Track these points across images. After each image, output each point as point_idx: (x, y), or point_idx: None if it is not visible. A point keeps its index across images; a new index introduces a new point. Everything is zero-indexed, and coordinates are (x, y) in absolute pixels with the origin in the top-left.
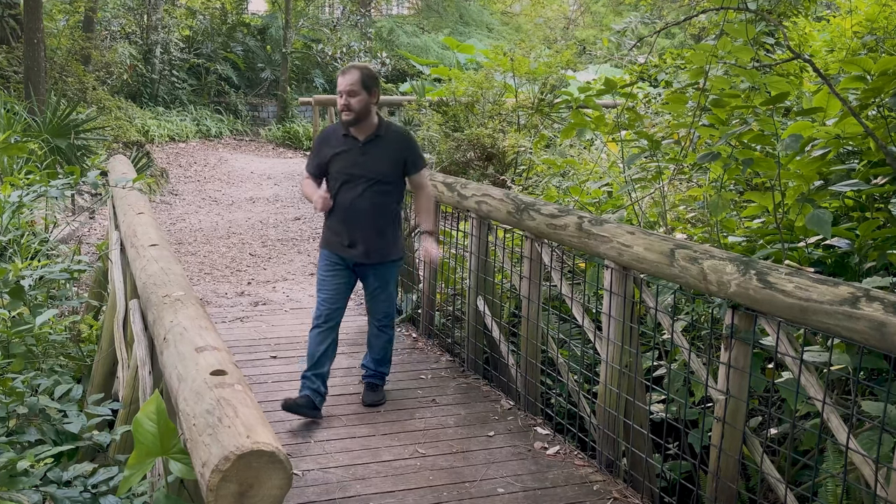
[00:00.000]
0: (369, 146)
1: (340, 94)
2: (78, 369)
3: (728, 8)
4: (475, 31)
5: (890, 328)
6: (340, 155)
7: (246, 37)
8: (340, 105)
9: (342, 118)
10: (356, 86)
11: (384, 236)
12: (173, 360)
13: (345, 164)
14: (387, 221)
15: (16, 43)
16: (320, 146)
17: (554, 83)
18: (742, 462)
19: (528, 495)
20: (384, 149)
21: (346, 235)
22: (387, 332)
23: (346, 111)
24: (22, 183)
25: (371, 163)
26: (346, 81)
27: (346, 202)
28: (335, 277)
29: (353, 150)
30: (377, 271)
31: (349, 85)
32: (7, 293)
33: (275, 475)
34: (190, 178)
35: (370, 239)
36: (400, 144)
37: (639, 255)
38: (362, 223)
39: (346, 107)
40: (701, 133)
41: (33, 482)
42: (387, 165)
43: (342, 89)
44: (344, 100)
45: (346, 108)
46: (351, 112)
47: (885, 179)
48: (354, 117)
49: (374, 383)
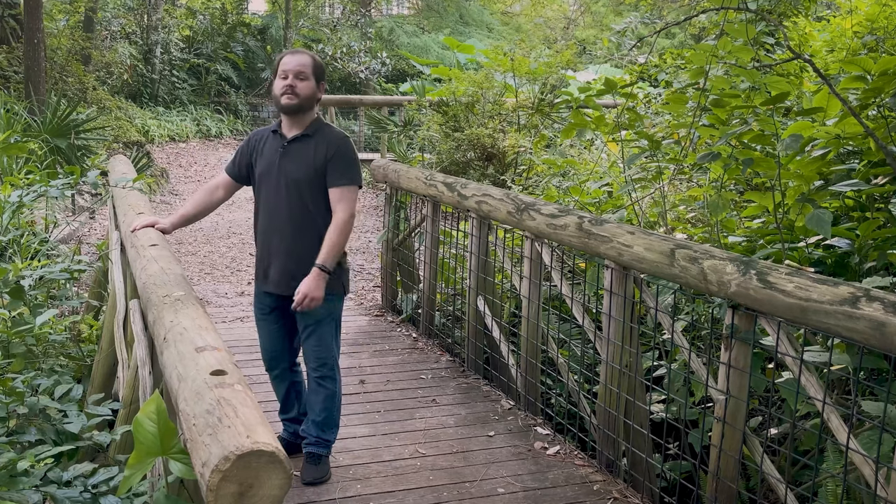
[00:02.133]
0: (293, 145)
1: (286, 73)
2: (78, 369)
3: (728, 8)
4: (475, 31)
5: (890, 328)
6: (263, 154)
7: (246, 37)
8: (283, 87)
9: (282, 102)
10: (307, 69)
11: (303, 261)
12: (173, 360)
13: (264, 165)
14: (307, 242)
15: (16, 43)
16: (247, 143)
17: (554, 83)
18: (742, 462)
19: (528, 495)
20: (308, 150)
21: (264, 258)
22: (326, 386)
23: (289, 94)
24: (22, 183)
25: (289, 164)
26: (295, 61)
27: (263, 215)
28: (264, 321)
29: (274, 149)
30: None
31: (299, 65)
32: (7, 293)
33: (275, 475)
34: (190, 178)
35: (285, 262)
36: (328, 148)
37: (639, 255)
38: (277, 240)
39: (290, 88)
40: (701, 133)
41: (33, 482)
42: (304, 169)
43: (289, 69)
44: (290, 80)
45: (291, 92)
46: (295, 97)
47: (885, 179)
48: (298, 103)
49: (316, 453)
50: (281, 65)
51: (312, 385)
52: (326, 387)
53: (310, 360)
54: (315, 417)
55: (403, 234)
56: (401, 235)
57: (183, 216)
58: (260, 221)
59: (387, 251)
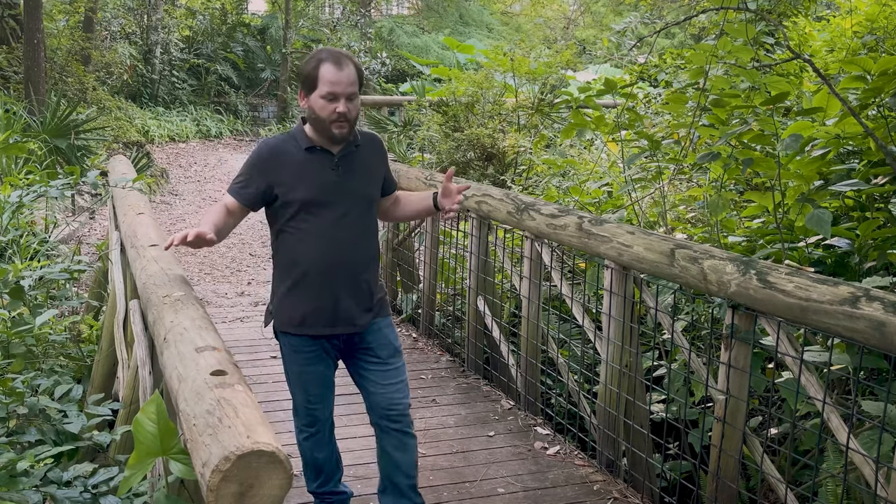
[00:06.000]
0: (347, 160)
1: (334, 95)
2: (78, 369)
3: (728, 8)
4: (475, 31)
5: (890, 328)
6: (305, 177)
7: (246, 37)
8: (333, 114)
9: (334, 132)
10: (356, 86)
11: (372, 286)
12: (173, 360)
13: (312, 189)
14: (374, 268)
15: (16, 43)
16: (264, 163)
17: (554, 83)
18: (742, 462)
19: (528, 495)
20: (363, 161)
21: (327, 297)
22: (413, 435)
23: (342, 124)
24: (22, 183)
25: (353, 181)
26: (345, 80)
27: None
28: (315, 367)
29: (322, 168)
30: (378, 335)
31: (350, 85)
32: (7, 293)
33: (275, 475)
34: (190, 178)
35: (355, 295)
36: (375, 151)
37: (639, 255)
38: (344, 274)
39: (342, 117)
40: (701, 133)
41: (33, 482)
42: (369, 183)
43: (340, 91)
44: (342, 107)
45: (344, 120)
46: (348, 125)
47: (885, 179)
48: (349, 130)
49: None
50: (325, 82)
51: (394, 440)
52: (413, 435)
53: (391, 405)
54: (406, 481)
55: (403, 233)
56: (401, 235)
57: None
58: (311, 255)
59: (387, 251)
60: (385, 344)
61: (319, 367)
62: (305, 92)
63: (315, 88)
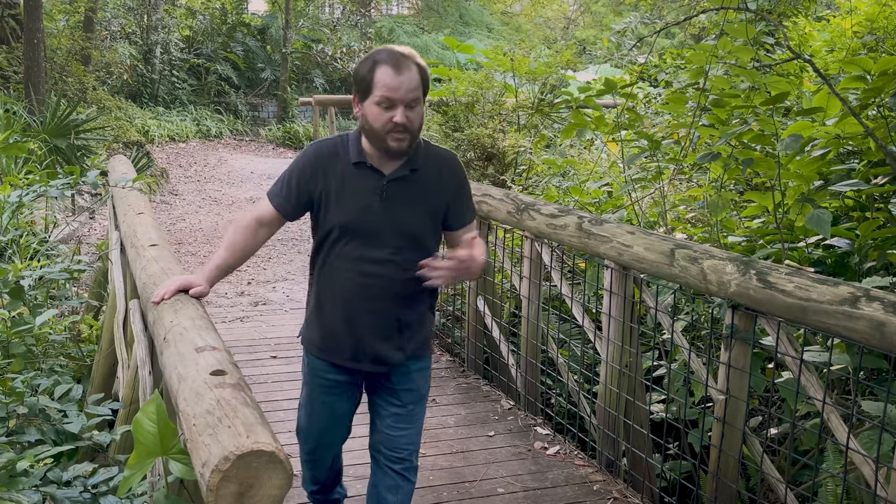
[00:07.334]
0: (397, 184)
1: (391, 101)
2: (78, 369)
3: (728, 8)
4: (475, 31)
5: (890, 328)
6: (345, 192)
7: (246, 37)
8: (389, 124)
9: (389, 145)
10: (419, 91)
11: (420, 322)
12: (173, 360)
13: (351, 211)
14: (419, 310)
15: (16, 43)
16: (309, 168)
17: (554, 83)
18: (742, 462)
19: (528, 495)
20: (421, 188)
21: (347, 332)
22: (410, 480)
23: (400, 135)
24: (22, 183)
25: (398, 210)
26: (406, 84)
27: (349, 276)
28: (330, 398)
29: (367, 188)
30: (405, 378)
31: (412, 91)
32: (7, 293)
33: (275, 475)
34: (190, 178)
35: (388, 337)
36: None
37: (639, 255)
38: (373, 315)
39: (402, 129)
40: (701, 133)
41: (33, 482)
42: (421, 218)
43: (399, 97)
44: (400, 117)
45: (404, 131)
46: (407, 137)
47: (885, 179)
48: (410, 144)
49: None
50: (381, 86)
51: (389, 480)
52: (411, 480)
53: (395, 448)
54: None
55: None
56: None
57: (220, 267)
58: (336, 284)
59: None
60: (411, 390)
61: (331, 398)
62: (359, 97)
63: (370, 94)
